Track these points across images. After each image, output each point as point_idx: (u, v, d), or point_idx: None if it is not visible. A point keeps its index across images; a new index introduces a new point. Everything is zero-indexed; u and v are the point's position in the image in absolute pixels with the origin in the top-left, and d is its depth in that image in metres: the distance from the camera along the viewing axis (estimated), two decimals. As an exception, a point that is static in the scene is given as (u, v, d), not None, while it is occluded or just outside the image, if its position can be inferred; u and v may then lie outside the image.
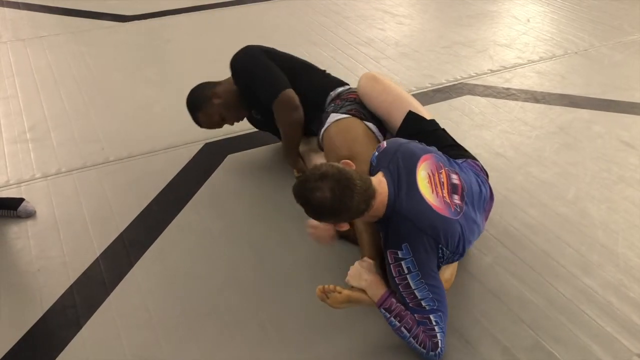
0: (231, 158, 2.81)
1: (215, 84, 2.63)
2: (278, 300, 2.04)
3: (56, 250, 2.27)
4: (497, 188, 2.52)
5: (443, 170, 1.92)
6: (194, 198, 2.54)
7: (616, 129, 2.97)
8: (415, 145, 1.96)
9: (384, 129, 2.40)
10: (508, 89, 3.40)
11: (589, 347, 1.84)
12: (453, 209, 1.84)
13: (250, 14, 4.59)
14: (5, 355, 1.85)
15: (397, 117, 2.28)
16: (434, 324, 1.74)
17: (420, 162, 1.87)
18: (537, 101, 3.27)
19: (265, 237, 2.32)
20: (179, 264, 2.21)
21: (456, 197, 1.89)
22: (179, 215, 2.45)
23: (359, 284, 1.83)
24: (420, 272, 1.74)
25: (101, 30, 4.32)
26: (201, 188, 2.61)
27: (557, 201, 2.47)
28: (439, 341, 1.74)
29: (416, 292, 1.74)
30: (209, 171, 2.72)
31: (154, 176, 2.68)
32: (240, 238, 2.32)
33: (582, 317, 1.94)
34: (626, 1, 4.68)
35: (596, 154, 2.78)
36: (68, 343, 1.89)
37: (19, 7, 4.74)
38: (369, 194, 1.72)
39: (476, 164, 2.15)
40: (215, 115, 2.59)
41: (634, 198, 2.48)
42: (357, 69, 3.59)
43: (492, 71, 3.61)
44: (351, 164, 1.80)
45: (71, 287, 2.10)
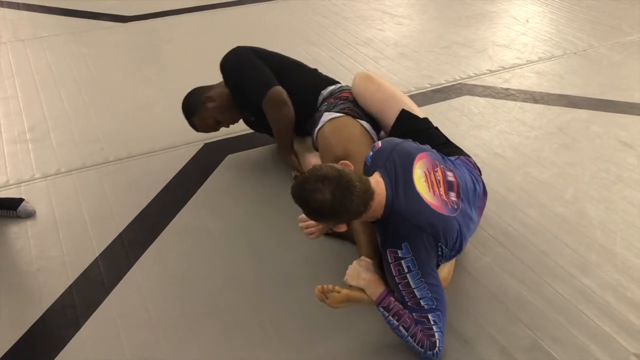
0: (231, 158, 2.82)
1: (209, 87, 2.64)
2: (278, 300, 2.04)
3: (56, 250, 2.28)
4: (496, 188, 2.53)
5: (438, 168, 1.93)
6: (193, 198, 2.55)
7: (615, 129, 2.98)
8: (410, 145, 1.96)
9: (378, 127, 2.41)
10: (507, 89, 3.40)
11: (587, 347, 1.84)
12: (450, 207, 1.85)
13: (250, 14, 4.60)
14: (4, 355, 1.85)
15: (391, 116, 2.29)
16: (432, 323, 1.74)
17: (416, 161, 1.88)
18: (536, 101, 3.27)
19: (265, 237, 2.33)
20: (179, 264, 2.22)
21: (452, 194, 1.90)
22: (179, 215, 2.45)
23: (358, 283, 1.84)
24: (420, 271, 1.74)
25: (101, 30, 4.33)
26: (201, 188, 2.61)
27: (556, 201, 2.47)
28: (437, 340, 1.74)
29: (415, 291, 1.75)
30: (209, 171, 2.72)
31: (153, 176, 2.69)
32: (239, 238, 2.33)
33: (580, 317, 1.95)
34: (625, 1, 4.69)
35: (595, 154, 2.79)
36: (67, 343, 1.89)
37: (18, 8, 4.74)
38: (368, 195, 1.73)
39: (469, 160, 2.16)
40: (210, 118, 2.60)
41: (632, 198, 2.49)
42: (356, 69, 3.58)
43: (491, 71, 3.61)
44: (350, 164, 1.80)
45: (70, 287, 2.11)
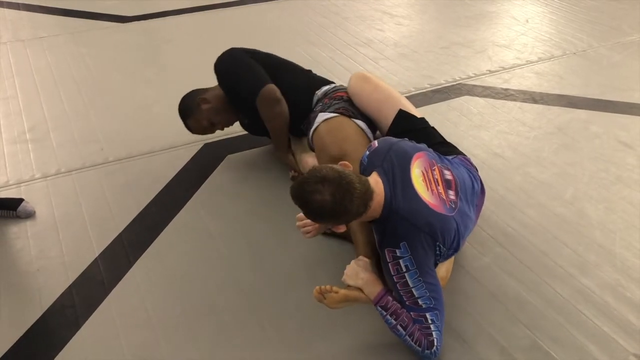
0: (230, 158, 2.82)
1: (204, 90, 2.66)
2: (277, 300, 2.04)
3: (55, 250, 2.28)
4: (495, 188, 2.53)
5: (436, 166, 1.94)
6: (193, 198, 2.55)
7: (614, 130, 2.98)
8: (406, 144, 1.97)
9: (374, 126, 2.41)
10: (506, 89, 3.40)
11: (586, 347, 1.85)
12: (448, 205, 1.85)
13: (250, 14, 4.60)
14: (4, 355, 1.86)
15: (388, 116, 2.30)
16: (429, 322, 1.75)
17: (413, 160, 1.89)
18: (535, 102, 3.27)
19: (265, 237, 2.33)
20: (178, 264, 2.22)
21: (451, 192, 1.90)
22: (178, 215, 2.45)
23: (356, 283, 1.84)
24: (418, 270, 1.75)
25: (101, 31, 4.33)
26: (200, 188, 2.62)
27: (555, 201, 2.47)
28: (435, 339, 1.74)
29: (414, 290, 1.75)
30: (208, 172, 2.73)
31: (153, 176, 2.69)
32: (239, 238, 2.33)
33: (579, 317, 1.95)
34: (625, 2, 4.69)
35: (594, 154, 2.79)
36: (67, 343, 1.89)
37: (18, 8, 4.74)
38: (368, 196, 1.73)
39: (466, 159, 2.17)
40: (204, 120, 2.61)
41: (631, 198, 2.49)
42: (355, 69, 3.59)
43: (491, 72, 3.61)
44: (349, 165, 1.81)
45: (70, 287, 2.11)
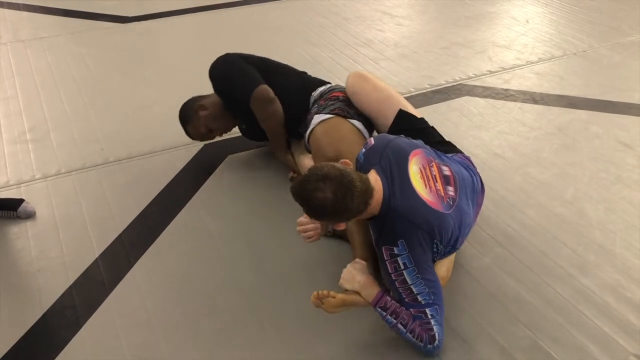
0: (231, 159, 2.82)
1: (203, 97, 2.68)
2: (277, 300, 2.04)
3: (56, 250, 2.28)
4: (496, 188, 2.53)
5: (434, 163, 1.94)
6: (193, 199, 2.55)
7: (614, 130, 2.98)
8: (402, 141, 1.97)
9: (371, 125, 2.41)
10: (507, 90, 3.40)
11: (586, 348, 1.85)
12: (446, 202, 1.86)
13: (250, 15, 4.60)
14: (4, 355, 1.86)
15: (388, 115, 2.30)
16: (430, 317, 1.75)
17: (410, 157, 1.89)
18: (535, 102, 3.27)
19: (265, 237, 2.33)
20: (178, 264, 2.22)
21: (450, 188, 1.91)
22: (179, 215, 2.45)
23: (353, 286, 1.83)
24: (416, 268, 1.76)
25: (101, 31, 4.33)
26: (200, 189, 2.62)
27: (555, 201, 2.47)
28: (436, 334, 1.74)
29: (412, 287, 1.75)
30: (209, 172, 2.73)
31: (153, 177, 2.69)
32: (239, 238, 2.33)
33: (579, 317, 1.95)
34: (625, 2, 4.69)
35: (594, 154, 2.79)
36: (67, 343, 1.89)
37: (19, 9, 4.74)
38: (368, 194, 1.74)
39: (465, 157, 2.18)
40: (202, 126, 2.63)
41: (631, 198, 2.49)
42: (356, 70, 3.59)
43: (491, 72, 3.61)
44: (349, 163, 1.81)
45: (70, 287, 2.11)
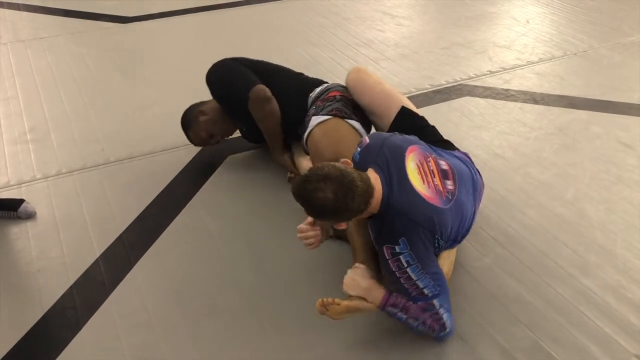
0: (231, 159, 2.82)
1: (203, 102, 2.70)
2: (277, 300, 2.04)
3: (56, 251, 2.28)
4: (496, 189, 2.53)
5: (430, 158, 1.95)
6: (193, 199, 2.55)
7: (615, 130, 2.98)
8: (397, 138, 1.97)
9: (367, 124, 2.40)
10: (507, 90, 3.40)
11: (587, 348, 1.84)
12: (444, 197, 1.87)
13: (250, 15, 4.60)
14: (5, 356, 1.85)
15: (391, 111, 2.30)
16: (438, 307, 1.79)
17: (407, 153, 1.89)
18: (536, 102, 3.27)
19: (265, 237, 2.33)
20: (179, 264, 2.22)
21: (449, 182, 1.92)
22: (179, 216, 2.45)
23: (357, 292, 1.84)
24: (419, 264, 1.77)
25: (101, 31, 4.33)
26: (201, 189, 2.62)
27: (556, 202, 2.47)
28: (446, 322, 1.80)
29: (418, 282, 1.77)
30: (209, 172, 2.73)
31: (154, 177, 2.69)
32: (239, 239, 2.33)
33: (580, 318, 1.95)
34: (625, 2, 4.69)
35: (595, 154, 2.79)
36: (68, 344, 1.89)
37: (19, 9, 4.75)
38: (369, 193, 1.74)
39: (463, 152, 2.19)
40: (203, 132, 2.65)
41: (632, 199, 2.49)
42: (356, 70, 3.59)
43: (492, 72, 3.61)
44: (350, 162, 1.82)
45: (71, 287, 2.11)
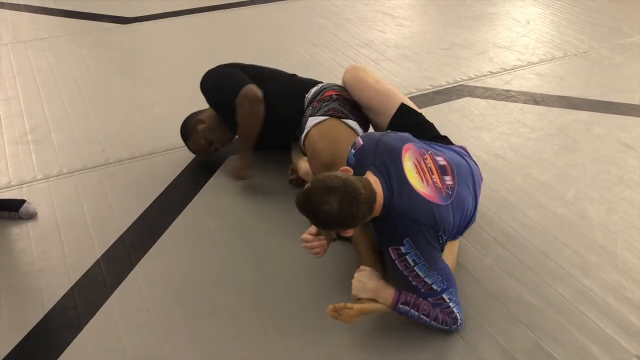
0: (231, 159, 2.82)
1: (201, 111, 2.71)
2: (277, 300, 2.04)
3: (57, 251, 2.28)
4: (497, 189, 2.53)
5: (427, 155, 1.95)
6: (194, 199, 2.55)
7: (615, 131, 2.97)
8: (391, 137, 1.97)
9: (365, 122, 2.40)
10: (508, 90, 3.40)
11: (587, 348, 1.85)
12: (444, 193, 1.88)
13: (250, 16, 4.60)
14: (5, 357, 1.86)
15: (390, 108, 2.31)
16: (448, 301, 1.82)
17: (403, 153, 1.90)
18: (536, 103, 3.27)
19: (265, 237, 2.33)
20: (180, 265, 2.22)
21: (447, 177, 1.93)
22: (180, 216, 2.46)
23: (366, 295, 1.85)
24: (426, 262, 1.80)
25: (102, 31, 4.33)
26: (201, 190, 2.62)
27: (556, 202, 2.47)
28: (457, 314, 1.84)
29: (426, 279, 1.80)
30: (210, 173, 2.73)
31: (154, 177, 2.69)
32: (240, 239, 2.33)
33: (581, 318, 1.95)
34: (625, 3, 4.69)
35: (595, 155, 2.79)
36: (69, 344, 1.89)
37: (19, 9, 4.75)
38: (372, 199, 1.75)
39: (460, 146, 2.20)
40: (201, 140, 2.65)
41: (632, 199, 2.49)
42: (357, 70, 3.59)
43: (492, 73, 3.61)
44: (349, 170, 1.82)
45: (72, 288, 2.11)
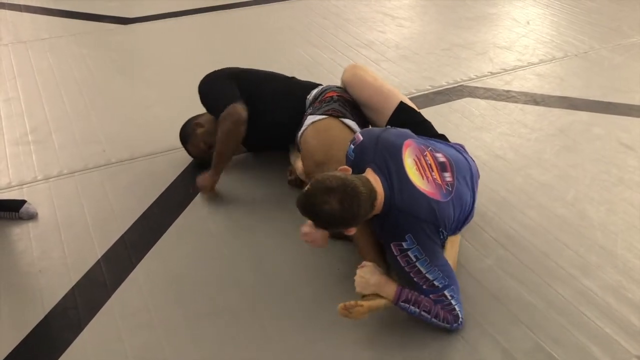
0: (232, 159, 2.82)
1: (198, 116, 2.71)
2: (277, 300, 2.05)
3: (58, 251, 2.28)
4: (497, 190, 2.53)
5: (427, 152, 1.96)
6: (194, 200, 2.55)
7: (615, 131, 2.98)
8: (391, 133, 1.98)
9: (365, 124, 2.41)
10: (508, 91, 3.40)
11: (588, 349, 1.85)
12: (445, 190, 1.89)
13: (250, 16, 4.60)
14: (6, 357, 1.86)
15: (388, 107, 2.33)
16: (449, 298, 1.82)
17: (404, 149, 1.90)
18: (536, 103, 3.28)
19: (266, 237, 2.33)
20: (180, 265, 2.22)
21: (447, 174, 1.94)
22: (180, 216, 2.46)
23: (370, 290, 1.86)
24: (427, 258, 1.81)
25: (102, 32, 4.34)
26: (202, 190, 2.62)
27: (557, 203, 2.47)
28: (458, 312, 1.84)
29: (427, 275, 1.81)
30: (210, 173, 2.73)
31: (155, 178, 2.69)
32: (240, 239, 2.33)
33: (581, 318, 1.95)
34: (625, 3, 4.69)
35: (595, 156, 2.79)
36: (69, 345, 1.90)
37: (20, 10, 4.75)
38: (373, 196, 1.75)
39: (458, 144, 2.21)
40: (201, 143, 2.64)
41: (632, 200, 2.49)
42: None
43: (492, 73, 3.61)
44: (348, 169, 1.83)
45: (73, 288, 2.11)
